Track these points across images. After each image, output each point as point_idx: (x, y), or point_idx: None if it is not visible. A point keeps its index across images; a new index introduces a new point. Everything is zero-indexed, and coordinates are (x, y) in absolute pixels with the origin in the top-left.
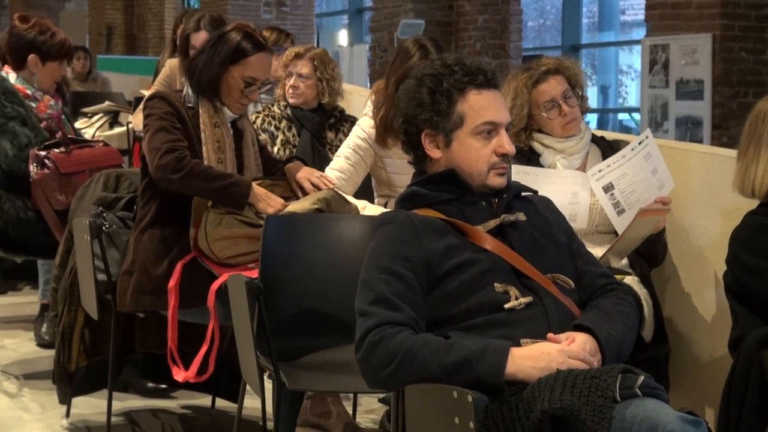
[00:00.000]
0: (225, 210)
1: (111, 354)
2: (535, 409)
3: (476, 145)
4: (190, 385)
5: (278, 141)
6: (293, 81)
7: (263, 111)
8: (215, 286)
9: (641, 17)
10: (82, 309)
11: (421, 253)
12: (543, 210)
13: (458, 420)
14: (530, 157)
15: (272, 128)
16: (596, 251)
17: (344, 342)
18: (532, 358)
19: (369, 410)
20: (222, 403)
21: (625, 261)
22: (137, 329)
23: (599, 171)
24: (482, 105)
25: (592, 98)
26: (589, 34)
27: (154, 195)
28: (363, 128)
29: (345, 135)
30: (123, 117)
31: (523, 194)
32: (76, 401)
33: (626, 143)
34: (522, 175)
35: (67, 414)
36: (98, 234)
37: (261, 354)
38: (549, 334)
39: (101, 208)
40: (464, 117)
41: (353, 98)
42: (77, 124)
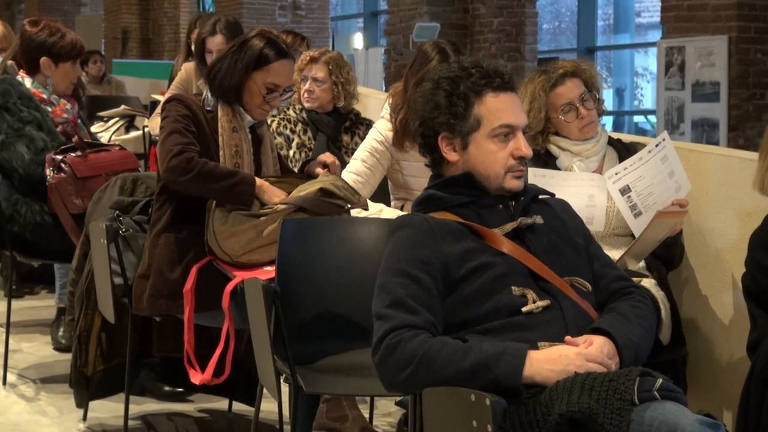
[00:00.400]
0: (230, 207)
1: (128, 357)
2: (553, 412)
3: (493, 148)
4: (207, 389)
5: (294, 144)
6: (308, 85)
7: (278, 114)
8: (230, 287)
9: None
10: (99, 313)
11: (439, 257)
12: (560, 213)
13: (476, 423)
14: (547, 160)
15: (288, 131)
16: (613, 254)
17: (361, 345)
18: (550, 361)
19: (386, 413)
20: (239, 407)
21: (642, 264)
22: (154, 333)
23: (616, 174)
24: (499, 108)
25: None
26: (605, 37)
27: (170, 198)
28: (380, 131)
29: (361, 138)
30: (139, 121)
31: (540, 197)
32: (93, 405)
33: (643, 146)
34: (539, 178)
35: (84, 418)
36: (115, 238)
37: (278, 357)
38: (567, 337)
39: (118, 212)
40: (481, 120)
41: (369, 101)
42: (93, 128)
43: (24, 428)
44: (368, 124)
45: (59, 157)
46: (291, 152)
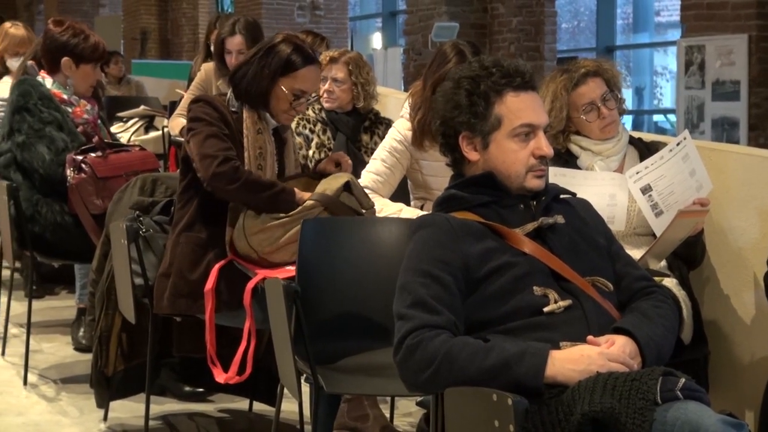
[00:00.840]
0: None
1: (148, 358)
2: (576, 412)
3: (514, 148)
4: (228, 389)
5: (313, 144)
6: (328, 85)
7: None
8: (251, 285)
9: (676, 18)
10: (120, 313)
11: (460, 257)
12: (581, 212)
13: (498, 423)
14: (567, 159)
15: (307, 131)
16: (634, 253)
17: (381, 345)
18: (572, 361)
19: (406, 413)
20: (259, 407)
21: (664, 263)
22: (174, 333)
23: (637, 173)
24: (520, 107)
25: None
26: (624, 36)
27: (192, 198)
28: (399, 130)
29: (380, 137)
30: (158, 121)
31: (562, 197)
32: (114, 405)
33: (664, 144)
34: (559, 177)
35: (105, 418)
36: (135, 238)
37: (298, 357)
38: (589, 337)
39: (138, 212)
40: (502, 119)
41: (388, 101)
42: (112, 129)
43: (45, 428)
44: (387, 124)
45: (80, 158)
46: (310, 152)
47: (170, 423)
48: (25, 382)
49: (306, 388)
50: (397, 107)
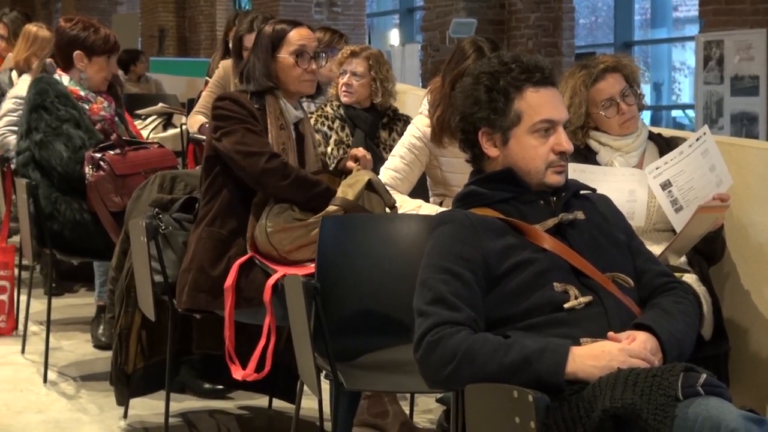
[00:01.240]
0: (286, 206)
1: (168, 355)
2: (597, 408)
3: (534, 143)
4: (247, 386)
5: (332, 141)
6: (347, 78)
7: (316, 111)
8: (272, 281)
9: (694, 13)
10: (139, 310)
11: (480, 253)
12: (602, 208)
13: (519, 420)
14: (586, 155)
15: (325, 128)
16: (654, 249)
17: (401, 342)
18: (593, 357)
19: (426, 410)
20: (279, 404)
21: (684, 259)
22: (194, 330)
23: (656, 168)
24: (539, 103)
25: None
26: (642, 31)
27: (216, 194)
28: (418, 127)
29: (398, 134)
30: (176, 119)
31: (582, 192)
32: (134, 402)
33: (683, 140)
34: (579, 173)
35: (125, 415)
36: (155, 235)
37: (318, 354)
38: (609, 333)
39: (157, 210)
40: (521, 115)
41: (407, 97)
42: None
43: (65, 426)
44: (406, 121)
45: (98, 155)
46: (329, 149)
47: (190, 420)
48: (45, 380)
49: (326, 385)
50: (416, 104)
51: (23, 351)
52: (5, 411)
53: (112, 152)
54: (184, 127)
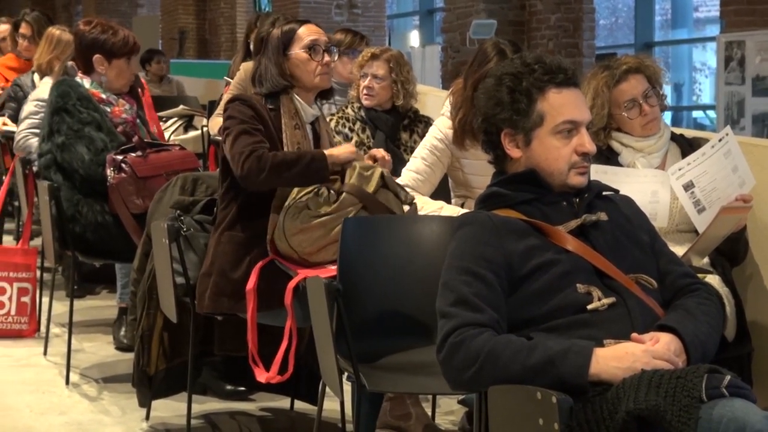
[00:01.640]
0: (302, 205)
1: (190, 357)
2: (620, 410)
3: (556, 144)
4: (269, 387)
5: (352, 143)
6: (368, 81)
7: (337, 113)
8: (293, 284)
9: (714, 14)
10: (161, 312)
11: (502, 254)
12: (625, 209)
13: (542, 421)
14: (609, 156)
15: (346, 130)
16: (677, 250)
17: (424, 343)
18: (617, 359)
19: (448, 412)
20: (301, 405)
21: (707, 260)
22: (216, 332)
23: (679, 169)
24: (562, 103)
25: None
26: (662, 32)
27: (235, 198)
28: (440, 128)
29: (419, 136)
30: (197, 120)
31: (604, 194)
32: (156, 404)
33: (706, 141)
34: (601, 175)
35: (147, 417)
36: (176, 237)
37: (340, 356)
38: (633, 335)
39: (179, 212)
40: (544, 116)
41: (427, 99)
42: None
43: (87, 427)
44: (427, 122)
45: (120, 158)
46: None
47: (212, 422)
48: (67, 382)
49: (348, 387)
50: (436, 105)
51: (45, 353)
52: (28, 412)
53: (134, 154)
54: (205, 129)
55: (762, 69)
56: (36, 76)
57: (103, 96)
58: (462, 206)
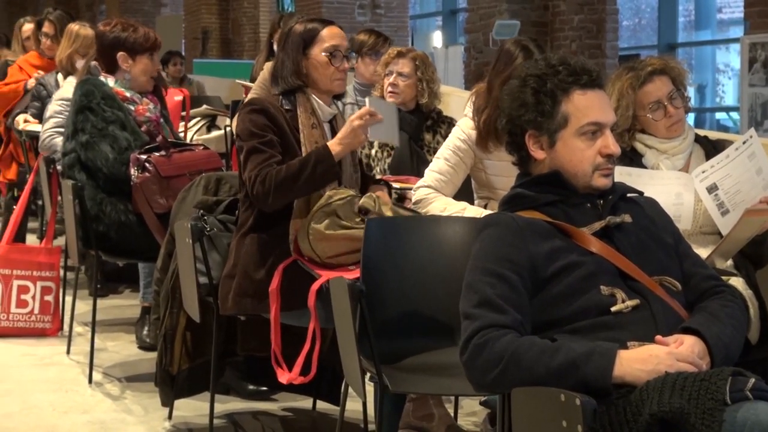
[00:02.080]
0: (331, 210)
1: (213, 356)
2: (644, 412)
3: (581, 146)
4: (292, 388)
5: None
6: (393, 79)
7: None
8: (316, 287)
9: (738, 15)
10: (184, 312)
11: (526, 256)
12: (649, 211)
13: (566, 423)
14: (632, 158)
15: None
16: (700, 252)
17: (446, 344)
18: (640, 361)
19: (470, 413)
20: (323, 406)
21: (730, 262)
22: (238, 332)
23: (703, 172)
24: (587, 105)
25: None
26: (686, 33)
27: None
28: (463, 129)
29: (442, 136)
30: (220, 120)
31: (629, 195)
32: (178, 403)
33: (730, 143)
34: (625, 176)
35: (170, 416)
36: (200, 237)
37: (363, 357)
38: (657, 337)
39: (202, 211)
40: (568, 117)
41: (450, 99)
42: None
43: (110, 426)
44: (450, 123)
45: (143, 157)
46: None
47: (234, 421)
48: (90, 381)
49: (370, 388)
50: (459, 106)
51: (68, 352)
52: (51, 411)
53: (158, 154)
54: (228, 129)
55: None
56: (60, 76)
57: (127, 95)
58: (485, 207)
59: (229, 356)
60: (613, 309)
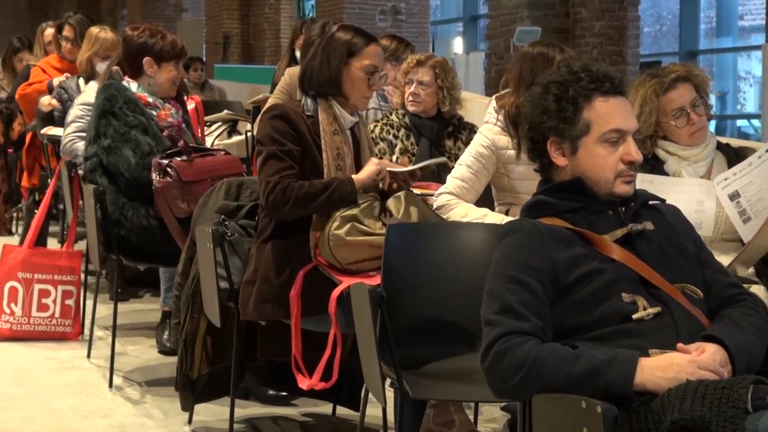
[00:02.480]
0: (351, 216)
1: (233, 361)
2: (665, 420)
3: (603, 153)
4: (311, 393)
5: (397, 149)
6: (414, 88)
7: (381, 120)
8: (336, 293)
9: (760, 22)
10: (205, 316)
11: (548, 263)
12: (671, 219)
13: (587, 431)
14: (654, 165)
15: (390, 137)
16: (722, 259)
17: (467, 350)
18: (662, 369)
19: (490, 419)
20: (343, 411)
21: (752, 270)
22: (258, 337)
23: (725, 179)
24: (609, 112)
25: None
26: (707, 40)
27: None
28: (486, 135)
29: (464, 143)
30: (241, 125)
31: (651, 203)
32: (198, 408)
33: (753, 150)
34: (647, 184)
35: (190, 421)
36: (221, 242)
37: (384, 362)
38: (679, 345)
39: (223, 216)
40: (590, 124)
41: (472, 106)
42: None
43: (130, 430)
44: (471, 129)
45: (165, 161)
46: (394, 157)
47: (254, 426)
48: (111, 385)
49: (390, 393)
50: (480, 112)
51: (89, 356)
52: (71, 415)
53: (179, 159)
54: (249, 134)
55: None
56: (81, 81)
57: (150, 100)
58: (506, 213)
59: (250, 361)
60: (635, 316)
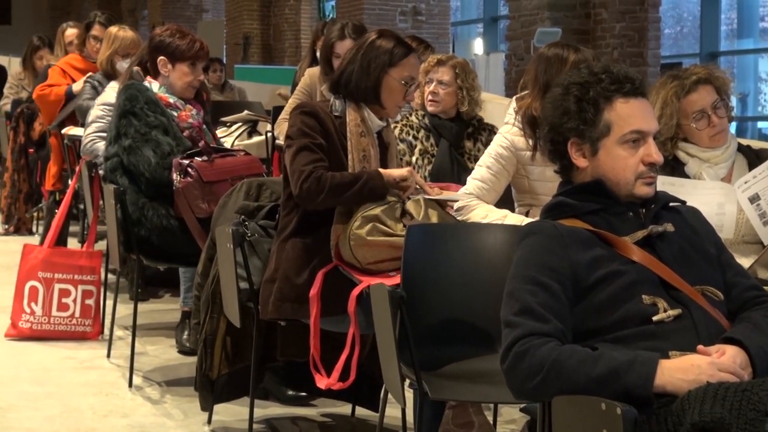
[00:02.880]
0: (373, 216)
1: (253, 362)
2: (685, 422)
3: (623, 154)
4: (331, 393)
5: (417, 151)
6: (433, 87)
7: (401, 121)
8: (356, 292)
9: None
10: (224, 317)
11: (568, 264)
12: (692, 221)
13: None
14: (674, 166)
15: (410, 138)
16: (742, 262)
17: (486, 352)
18: (682, 371)
19: (510, 420)
20: (362, 412)
21: None
22: (278, 337)
23: (745, 182)
24: (630, 113)
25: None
26: (728, 42)
27: (297, 205)
28: (505, 136)
29: (483, 144)
30: (261, 126)
31: (671, 205)
32: (218, 408)
33: None
34: (668, 186)
35: (209, 421)
36: (241, 242)
37: (403, 363)
38: (699, 347)
39: (243, 217)
40: (611, 125)
41: (492, 107)
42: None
43: (150, 430)
44: (491, 130)
45: (186, 162)
46: (414, 159)
47: (273, 427)
48: (130, 384)
49: (409, 394)
50: (500, 113)
51: (109, 355)
52: (91, 414)
53: (200, 159)
54: (269, 135)
55: None
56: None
57: (171, 100)
58: (527, 215)
59: (269, 361)
60: (655, 318)
